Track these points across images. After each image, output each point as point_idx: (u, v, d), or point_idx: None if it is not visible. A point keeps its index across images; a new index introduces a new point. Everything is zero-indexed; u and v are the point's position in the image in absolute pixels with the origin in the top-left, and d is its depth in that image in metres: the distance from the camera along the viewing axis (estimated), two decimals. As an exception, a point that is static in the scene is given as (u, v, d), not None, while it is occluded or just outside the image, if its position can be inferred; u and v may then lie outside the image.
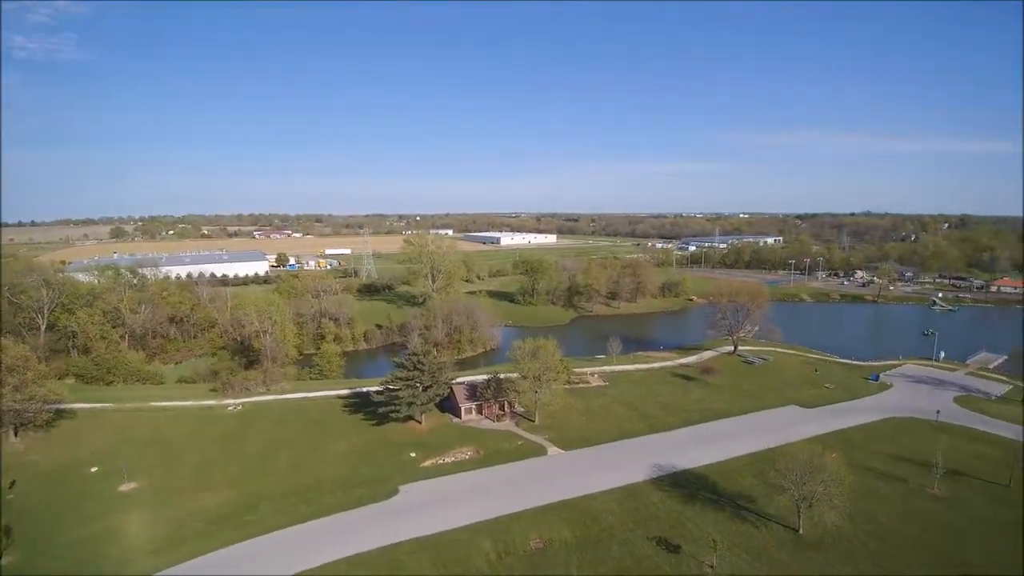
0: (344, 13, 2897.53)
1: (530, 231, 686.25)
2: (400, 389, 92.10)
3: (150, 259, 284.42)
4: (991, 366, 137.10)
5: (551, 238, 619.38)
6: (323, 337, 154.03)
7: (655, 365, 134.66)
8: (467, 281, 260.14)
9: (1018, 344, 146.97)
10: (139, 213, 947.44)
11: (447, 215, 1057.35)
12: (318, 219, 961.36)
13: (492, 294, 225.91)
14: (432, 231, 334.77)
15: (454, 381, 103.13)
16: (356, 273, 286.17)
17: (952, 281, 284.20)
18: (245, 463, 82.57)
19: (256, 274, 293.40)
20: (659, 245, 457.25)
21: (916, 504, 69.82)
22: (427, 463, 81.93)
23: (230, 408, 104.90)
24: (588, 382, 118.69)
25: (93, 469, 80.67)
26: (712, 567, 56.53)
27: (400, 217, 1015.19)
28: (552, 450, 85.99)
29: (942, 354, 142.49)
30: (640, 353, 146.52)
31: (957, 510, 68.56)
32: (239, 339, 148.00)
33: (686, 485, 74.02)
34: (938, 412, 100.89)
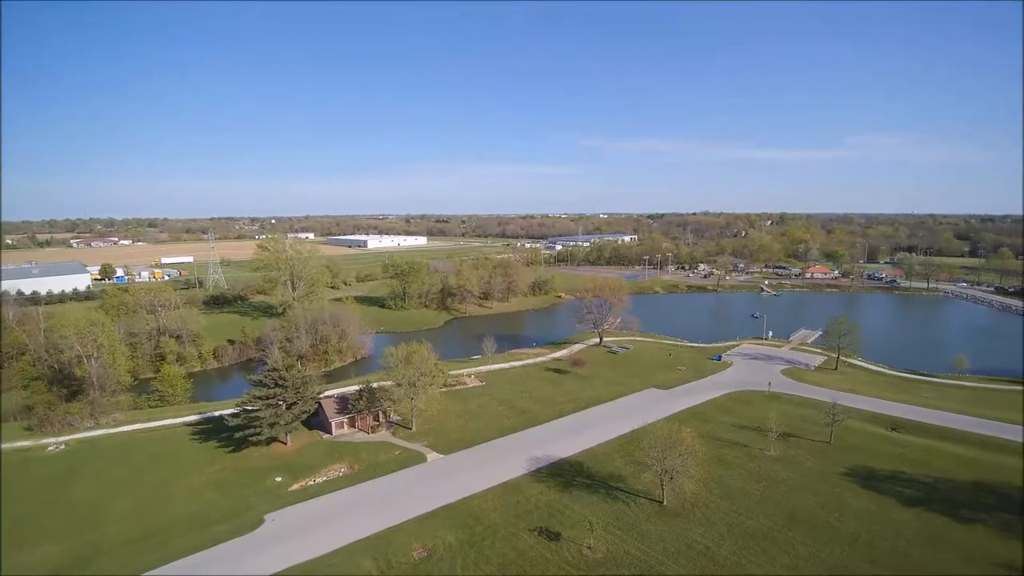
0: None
1: (399, 233, 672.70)
2: (260, 409, 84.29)
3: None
4: (809, 341, 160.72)
5: (421, 240, 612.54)
6: (163, 358, 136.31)
7: (529, 361, 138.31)
8: (332, 287, 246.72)
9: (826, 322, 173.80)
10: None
11: (307, 217, 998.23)
12: (151, 223, 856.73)
13: (361, 300, 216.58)
14: (290, 235, 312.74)
15: (322, 395, 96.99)
16: (201, 283, 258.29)
17: (775, 270, 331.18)
18: (75, 512, 69.87)
19: (75, 289, 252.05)
20: (528, 245, 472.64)
21: (757, 465, 79.18)
22: (296, 486, 75.81)
23: (51, 449, 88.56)
24: (465, 383, 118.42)
25: None
26: (590, 548, 58.93)
27: (252, 220, 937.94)
28: (431, 456, 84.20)
29: (770, 333, 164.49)
30: (514, 351, 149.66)
31: (790, 467, 78.95)
32: (57, 367, 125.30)
33: (563, 474, 76.72)
34: (769, 384, 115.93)
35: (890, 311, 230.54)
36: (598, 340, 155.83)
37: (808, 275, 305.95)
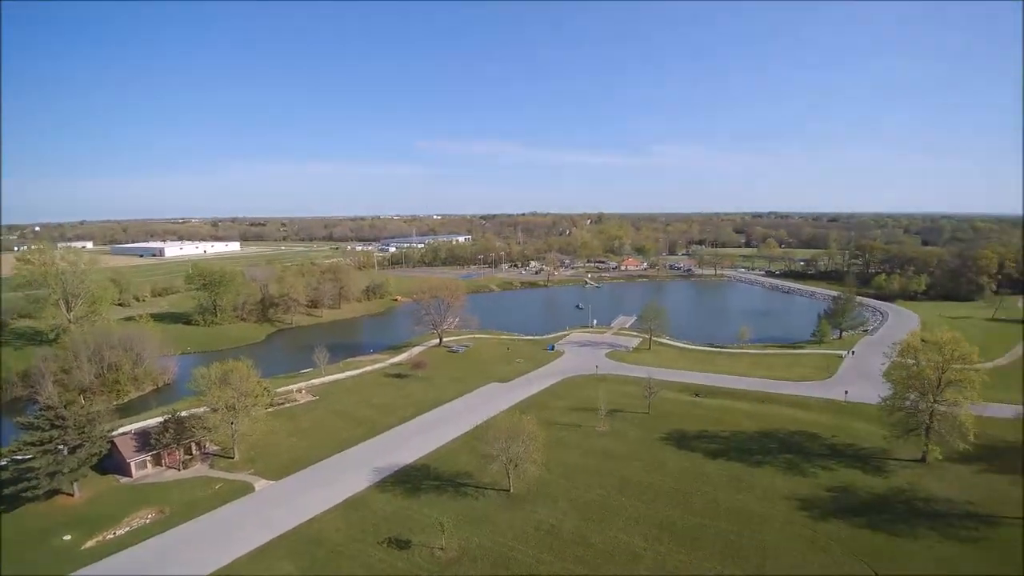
0: None
1: (205, 239, 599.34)
2: (34, 457, 68.66)
3: None
4: (627, 326, 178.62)
5: (234, 246, 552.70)
6: None
7: (367, 369, 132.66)
8: (121, 304, 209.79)
9: (640, 308, 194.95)
10: None
11: (83, 223, 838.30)
12: None
13: (160, 317, 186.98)
14: (61, 244, 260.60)
15: (115, 433, 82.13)
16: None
17: (596, 264, 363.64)
18: None
19: None
20: (359, 248, 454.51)
21: (590, 442, 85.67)
22: (91, 543, 62.72)
23: None
24: (296, 400, 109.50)
25: None
26: (442, 549, 58.10)
27: (10, 228, 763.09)
28: (260, 483, 75.98)
29: (595, 321, 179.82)
30: (351, 359, 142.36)
31: (618, 439, 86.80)
32: None
33: (409, 479, 74.74)
34: (597, 367, 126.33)
35: (689, 295, 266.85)
36: (438, 341, 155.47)
37: (623, 268, 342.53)
